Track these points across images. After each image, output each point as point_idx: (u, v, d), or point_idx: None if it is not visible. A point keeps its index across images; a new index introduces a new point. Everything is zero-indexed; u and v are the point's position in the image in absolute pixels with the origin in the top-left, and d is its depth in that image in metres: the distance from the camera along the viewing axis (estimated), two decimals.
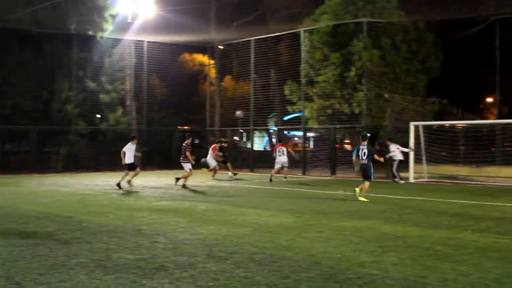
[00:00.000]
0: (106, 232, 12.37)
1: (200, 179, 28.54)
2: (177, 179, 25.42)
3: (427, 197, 20.81)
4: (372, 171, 19.97)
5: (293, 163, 33.03)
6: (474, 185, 26.72)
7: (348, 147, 37.59)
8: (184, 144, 25.22)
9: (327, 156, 34.83)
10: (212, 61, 43.53)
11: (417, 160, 29.58)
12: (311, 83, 35.65)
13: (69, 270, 8.88)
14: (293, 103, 36.75)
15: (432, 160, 29.53)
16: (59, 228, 12.96)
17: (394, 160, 28.71)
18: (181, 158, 25.30)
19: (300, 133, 38.49)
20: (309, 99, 35.75)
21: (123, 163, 24.32)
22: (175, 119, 41.91)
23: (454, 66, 38.60)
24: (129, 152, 24.31)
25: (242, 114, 40.14)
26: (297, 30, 36.46)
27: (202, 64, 45.29)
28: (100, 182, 27.24)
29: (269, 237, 11.88)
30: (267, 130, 44.76)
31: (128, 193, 22.14)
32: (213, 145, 31.87)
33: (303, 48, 35.78)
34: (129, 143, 24.56)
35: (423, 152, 29.79)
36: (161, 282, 8.21)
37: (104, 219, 14.51)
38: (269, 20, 44.40)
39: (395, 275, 8.59)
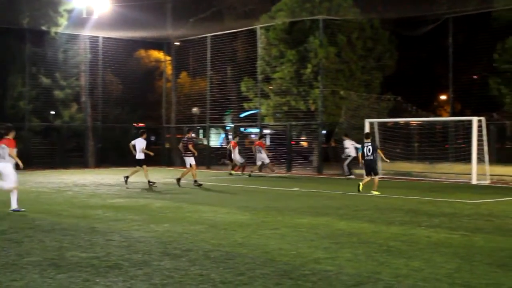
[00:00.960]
0: (59, 230, 12.24)
1: (155, 176, 28.38)
2: (179, 180, 24.47)
3: (382, 193, 21.01)
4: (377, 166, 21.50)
5: (251, 160, 33.06)
6: (427, 181, 27.08)
7: (304, 144, 37.77)
8: (185, 138, 25.01)
9: (283, 153, 34.97)
10: (168, 58, 43.30)
11: None
12: (267, 80, 35.71)
13: (21, 269, 8.77)
14: (250, 100, 36.79)
15: (387, 156, 29.83)
16: (11, 227, 12.77)
17: (348, 156, 28.98)
18: (182, 153, 25.01)
19: (257, 130, 38.54)
20: (265, 96, 35.81)
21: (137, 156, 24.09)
22: (131, 115, 41.59)
23: (409, 64, 39.03)
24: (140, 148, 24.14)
25: (199, 111, 40.02)
26: (253, 27, 36.48)
27: (158, 61, 45.01)
28: (55, 180, 26.92)
29: (225, 234, 11.88)
30: (223, 127, 44.73)
31: (83, 190, 21.90)
32: (233, 141, 31.90)
33: (260, 45, 35.82)
34: (140, 138, 24.34)
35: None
36: (114, 281, 8.15)
37: (57, 217, 14.35)
38: (225, 17, 44.33)
39: (349, 271, 8.67)
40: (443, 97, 43.98)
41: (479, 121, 26.68)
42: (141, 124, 43.99)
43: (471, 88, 33.54)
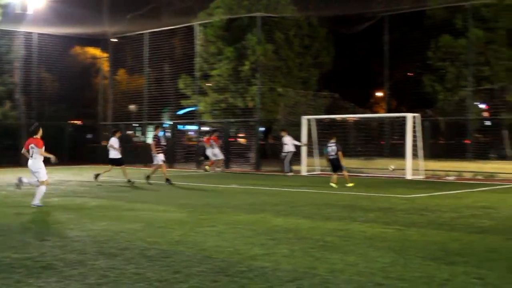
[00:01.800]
0: None
1: (91, 175, 27.99)
2: (148, 177, 24.21)
3: (319, 189, 21.21)
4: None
5: (189, 156, 32.95)
6: (364, 177, 27.43)
7: (242, 141, 37.80)
8: (153, 136, 24.72)
9: (221, 150, 34.88)
10: (105, 54, 42.77)
11: (309, 153, 30.12)
12: (205, 77, 35.64)
13: None
14: (188, 97, 36.64)
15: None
16: None
17: (288, 152, 29.16)
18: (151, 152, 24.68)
19: (195, 127, 38.41)
20: (203, 93, 35.72)
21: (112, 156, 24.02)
22: (67, 113, 40.93)
23: (346, 61, 39.49)
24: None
25: (136, 108, 39.65)
26: (191, 24, 36.35)
27: (94, 57, 44.42)
28: None
29: (162, 232, 11.79)
30: (161, 124, 44.38)
31: (16, 189, 21.40)
32: (213, 137, 31.83)
33: (197, 42, 35.71)
34: (114, 137, 24.19)
35: (315, 145, 30.34)
36: (48, 281, 7.99)
37: None
38: (163, 14, 44.05)
39: (286, 267, 8.70)
40: (379, 94, 44.64)
41: (414, 117, 27.16)
42: (77, 122, 43.41)
43: (406, 85, 34.14)
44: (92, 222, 13.12)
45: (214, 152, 31.55)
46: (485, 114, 31.82)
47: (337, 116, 31.94)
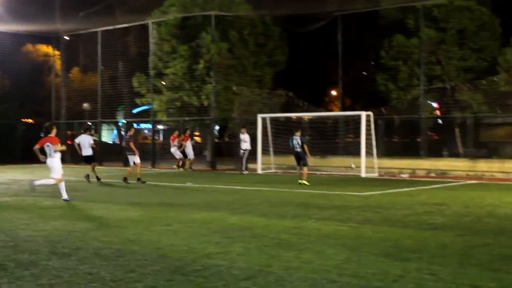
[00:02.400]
0: None
1: (44, 174, 27.61)
2: (125, 179, 23.66)
3: (274, 187, 21.27)
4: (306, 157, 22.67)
5: (144, 155, 32.71)
6: (319, 175, 27.59)
7: (198, 139, 37.73)
8: (127, 136, 24.47)
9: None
10: (57, 52, 42.21)
11: (265, 152, 30.19)
12: (159, 75, 35.45)
13: None
14: (142, 96, 36.41)
15: (280, 151, 30.22)
16: None
17: (245, 149, 29.16)
18: (126, 151, 24.45)
19: (149, 126, 38.17)
20: (158, 91, 35.53)
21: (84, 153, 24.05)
22: (18, 111, 40.30)
23: (300, 60, 39.67)
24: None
25: (90, 107, 39.24)
26: (145, 22, 36.11)
27: (47, 55, 43.79)
28: None
29: (116, 232, 11.69)
30: (115, 123, 44.06)
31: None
32: (184, 136, 31.69)
33: (152, 40, 35.49)
34: (84, 134, 24.22)
35: (270, 144, 30.43)
36: None
37: None
38: (117, 11, 43.62)
39: (241, 265, 8.70)
40: (333, 93, 44.95)
41: (368, 116, 27.44)
42: (29, 120, 42.79)
43: (360, 84, 34.43)
44: (45, 222, 12.94)
45: (187, 151, 31.49)
46: (437, 112, 32.29)
47: (292, 115, 32.09)
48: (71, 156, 36.27)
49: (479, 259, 9.11)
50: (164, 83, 35.43)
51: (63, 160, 17.44)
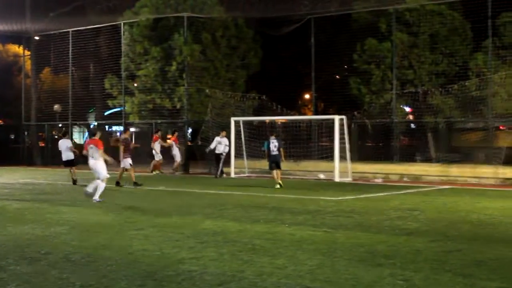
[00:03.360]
0: None
1: (13, 176, 27.37)
2: (118, 183, 23.48)
3: (248, 191, 21.25)
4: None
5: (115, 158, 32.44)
6: (292, 179, 27.59)
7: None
8: (122, 138, 24.38)
9: (149, 152, 34.45)
10: (28, 52, 41.81)
11: (238, 155, 30.14)
12: (131, 77, 35.26)
13: None
14: (114, 97, 36.17)
15: (253, 155, 30.18)
16: None
17: (223, 154, 28.92)
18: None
19: (121, 128, 37.94)
20: (130, 93, 35.33)
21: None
22: None
23: (273, 63, 39.66)
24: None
25: (60, 108, 38.89)
26: (117, 22, 35.87)
27: (17, 55, 43.37)
28: None
29: (87, 236, 11.60)
30: (87, 125, 43.73)
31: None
32: (172, 137, 31.49)
33: (124, 41, 35.28)
34: (64, 138, 24.56)
35: (244, 147, 30.38)
36: None
37: None
38: (88, 12, 43.30)
39: (214, 271, 8.68)
40: (307, 96, 45.01)
41: (341, 119, 27.51)
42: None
43: (333, 87, 34.51)
44: (14, 226, 12.80)
45: (174, 153, 31.08)
46: (410, 117, 32.49)
47: (266, 118, 32.06)
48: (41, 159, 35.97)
49: (452, 264, 9.18)
50: (136, 85, 35.24)
51: (35, 163, 17.28)
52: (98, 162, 17.84)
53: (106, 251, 10.12)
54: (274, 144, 23.14)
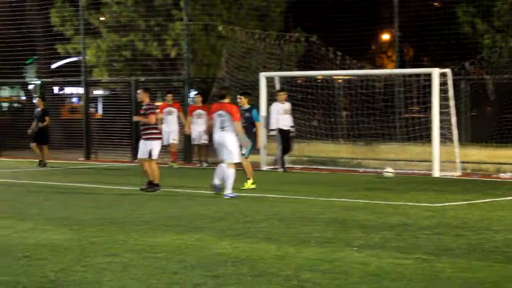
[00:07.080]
0: None
1: None
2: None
3: (288, 193, 21.31)
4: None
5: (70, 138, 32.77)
6: (363, 173, 27.55)
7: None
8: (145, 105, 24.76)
9: (126, 129, 34.57)
10: None
11: (270, 137, 30.04)
12: (96, 6, 35.39)
13: None
14: (67, 40, 36.36)
15: (297, 134, 30.11)
16: None
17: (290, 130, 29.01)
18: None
19: (80, 90, 38.18)
20: (93, 33, 35.49)
21: None
22: None
23: None
24: None
25: None
26: None
27: None
28: None
29: (27, 267, 11.63)
30: (23, 84, 44.10)
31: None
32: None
33: None
34: None
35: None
36: None
37: None
38: None
39: None
40: (385, 37, 44.89)
41: (443, 75, 27.10)
42: None
43: (429, 22, 34.39)
44: None
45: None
46: None
47: (318, 73, 31.99)
48: None
49: None
50: (103, 19, 35.39)
51: None
52: (228, 136, 19.45)
53: None
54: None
